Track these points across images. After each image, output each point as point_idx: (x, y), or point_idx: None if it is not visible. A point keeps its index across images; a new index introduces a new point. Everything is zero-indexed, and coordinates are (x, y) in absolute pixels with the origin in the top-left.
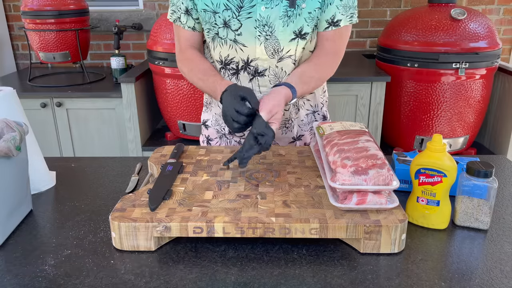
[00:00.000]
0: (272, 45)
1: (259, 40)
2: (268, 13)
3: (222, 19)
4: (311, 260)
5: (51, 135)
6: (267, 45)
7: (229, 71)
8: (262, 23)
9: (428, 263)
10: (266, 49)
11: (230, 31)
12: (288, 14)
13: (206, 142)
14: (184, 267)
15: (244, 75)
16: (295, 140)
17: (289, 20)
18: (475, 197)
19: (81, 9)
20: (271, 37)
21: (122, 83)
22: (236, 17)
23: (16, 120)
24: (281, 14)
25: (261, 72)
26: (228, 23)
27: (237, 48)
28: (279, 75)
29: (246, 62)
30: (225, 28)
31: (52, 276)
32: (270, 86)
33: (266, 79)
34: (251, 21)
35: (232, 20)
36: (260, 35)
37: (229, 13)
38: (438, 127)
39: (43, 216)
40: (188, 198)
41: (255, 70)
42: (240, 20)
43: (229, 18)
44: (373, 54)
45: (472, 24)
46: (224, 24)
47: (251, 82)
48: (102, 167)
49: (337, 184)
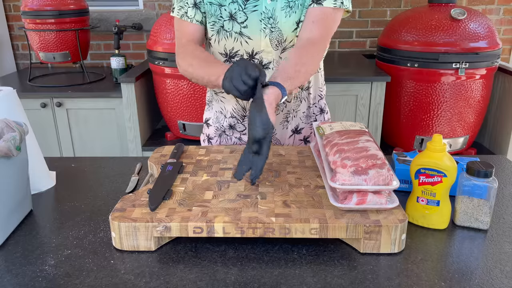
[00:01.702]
0: (276, 37)
1: (264, 33)
2: (273, 6)
3: (228, 11)
4: (311, 260)
5: (51, 135)
6: (272, 37)
7: None
8: (268, 16)
9: (428, 263)
10: (271, 41)
11: (236, 23)
12: (290, 5)
13: (207, 141)
14: (184, 267)
15: None
16: (294, 133)
17: (291, 10)
18: (475, 197)
19: (81, 9)
20: (275, 29)
21: (122, 83)
22: (242, 10)
23: (16, 120)
24: (283, 5)
25: (266, 64)
26: (234, 15)
27: (242, 41)
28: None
29: (251, 54)
30: (231, 20)
31: (52, 276)
32: None
33: (271, 72)
34: (256, 14)
35: (239, 13)
36: (265, 27)
37: (235, 5)
38: (438, 127)
39: (43, 216)
40: (188, 198)
41: (260, 63)
42: (246, 12)
43: (235, 11)
44: (373, 54)
45: (472, 24)
46: (230, 16)
47: None
48: (102, 167)
49: (337, 184)
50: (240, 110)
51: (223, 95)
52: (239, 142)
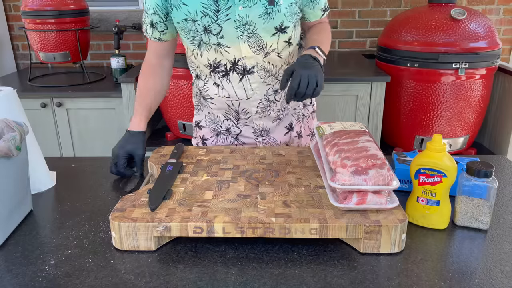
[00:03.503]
0: (256, 41)
1: (242, 39)
2: (246, 12)
3: (202, 25)
4: (311, 260)
5: (51, 135)
6: (250, 42)
7: (219, 74)
8: (242, 23)
9: (428, 263)
10: (250, 47)
11: (212, 35)
12: (267, 12)
13: (201, 143)
14: (184, 267)
15: (233, 76)
16: (289, 130)
17: (269, 17)
18: (475, 197)
19: (81, 9)
20: (253, 35)
21: (122, 83)
22: (215, 21)
23: (16, 120)
24: (261, 12)
25: (250, 69)
26: (208, 28)
27: (222, 50)
28: (268, 69)
29: (234, 62)
30: (207, 33)
31: (52, 276)
32: (261, 81)
33: (256, 75)
34: (230, 22)
35: (212, 25)
36: (242, 34)
37: (207, 19)
38: (438, 127)
39: (43, 216)
40: (188, 198)
41: (244, 69)
42: (219, 23)
43: (208, 24)
44: (373, 54)
45: (472, 24)
46: (205, 30)
47: (241, 81)
48: (102, 167)
49: (337, 184)
50: (234, 113)
51: (212, 101)
52: (235, 142)
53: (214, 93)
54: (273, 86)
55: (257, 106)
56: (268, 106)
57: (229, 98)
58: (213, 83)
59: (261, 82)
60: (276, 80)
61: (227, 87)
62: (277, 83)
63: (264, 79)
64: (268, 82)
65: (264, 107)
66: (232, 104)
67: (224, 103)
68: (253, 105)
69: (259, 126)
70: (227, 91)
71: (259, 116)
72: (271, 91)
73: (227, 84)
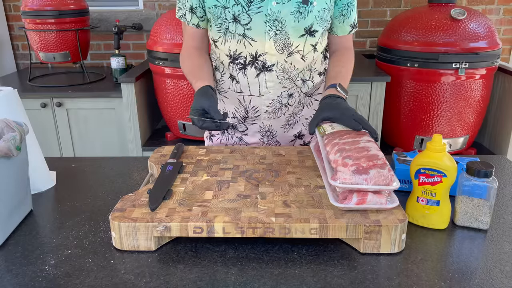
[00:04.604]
0: (282, 40)
1: (269, 35)
2: (279, 8)
3: (232, 13)
4: (311, 260)
5: (51, 135)
6: (276, 40)
7: (237, 66)
8: (273, 18)
9: (428, 263)
10: (275, 44)
11: (239, 25)
12: (300, 10)
13: (209, 138)
14: (184, 267)
15: (251, 70)
16: (296, 138)
17: (300, 16)
18: (475, 197)
19: (81, 9)
20: (281, 32)
21: (122, 83)
22: (246, 12)
23: (16, 120)
24: (293, 9)
25: (269, 67)
26: (237, 17)
27: (245, 42)
28: (288, 70)
29: (255, 56)
30: (235, 22)
31: (52, 276)
32: (277, 81)
33: (274, 74)
34: (260, 15)
35: (242, 15)
36: (270, 29)
37: (239, 7)
38: (438, 127)
39: (43, 216)
40: (188, 198)
41: (263, 65)
42: (250, 14)
43: (238, 13)
44: (373, 54)
45: (472, 24)
46: (234, 18)
47: (257, 77)
48: (102, 167)
49: (337, 182)
50: (243, 112)
51: (225, 94)
52: (239, 142)
53: (228, 87)
54: (288, 90)
55: (268, 106)
56: (279, 108)
57: (241, 93)
58: (229, 76)
59: (277, 83)
60: (293, 84)
61: (242, 81)
62: (294, 87)
63: (281, 80)
64: (285, 84)
65: (275, 108)
66: (243, 99)
67: (235, 98)
68: (264, 104)
69: (266, 126)
70: (240, 86)
71: (268, 116)
72: (285, 94)
73: (243, 78)
